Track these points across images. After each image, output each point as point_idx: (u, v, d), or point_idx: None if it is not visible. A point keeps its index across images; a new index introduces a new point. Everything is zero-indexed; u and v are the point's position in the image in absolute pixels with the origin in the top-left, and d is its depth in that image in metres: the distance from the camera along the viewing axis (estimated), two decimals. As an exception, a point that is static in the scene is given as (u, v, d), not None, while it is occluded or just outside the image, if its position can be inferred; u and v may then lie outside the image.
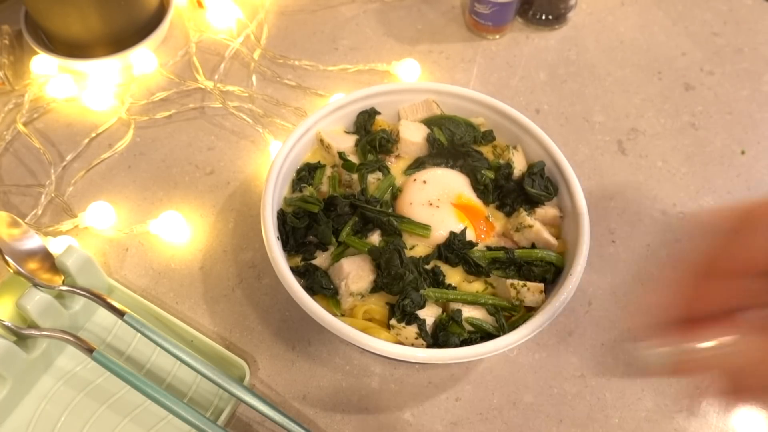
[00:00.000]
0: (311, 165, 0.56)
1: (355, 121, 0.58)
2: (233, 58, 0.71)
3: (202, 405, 0.50)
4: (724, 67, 0.72)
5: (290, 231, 0.51)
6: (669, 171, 0.64)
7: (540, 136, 0.55)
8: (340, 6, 0.77)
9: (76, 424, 0.49)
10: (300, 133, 0.55)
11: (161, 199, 0.61)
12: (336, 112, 0.57)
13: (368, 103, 0.58)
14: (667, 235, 0.60)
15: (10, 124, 0.65)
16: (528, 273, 0.50)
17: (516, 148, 0.56)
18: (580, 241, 0.49)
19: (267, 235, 0.49)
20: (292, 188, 0.55)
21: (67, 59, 0.67)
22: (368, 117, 0.58)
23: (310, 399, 0.51)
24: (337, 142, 0.56)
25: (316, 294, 0.48)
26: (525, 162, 0.56)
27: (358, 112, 0.58)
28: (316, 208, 0.51)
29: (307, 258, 0.51)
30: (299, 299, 0.46)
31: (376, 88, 0.58)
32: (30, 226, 0.58)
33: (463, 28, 0.75)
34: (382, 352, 0.45)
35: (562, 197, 0.54)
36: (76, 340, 0.48)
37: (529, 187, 0.53)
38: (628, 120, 0.68)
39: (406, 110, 0.59)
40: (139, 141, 0.65)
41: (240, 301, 0.56)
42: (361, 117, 0.58)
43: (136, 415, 0.50)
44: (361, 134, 0.57)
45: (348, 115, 0.58)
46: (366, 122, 0.58)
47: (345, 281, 0.48)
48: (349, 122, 0.58)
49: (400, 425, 0.50)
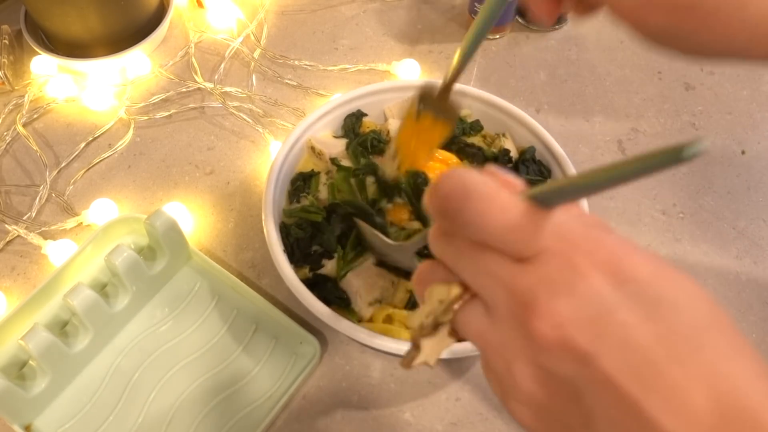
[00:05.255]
0: (305, 174, 0.55)
1: (343, 125, 0.58)
2: (233, 58, 0.71)
3: (275, 372, 0.51)
4: (724, 67, 0.72)
5: (294, 243, 0.51)
6: (669, 171, 0.64)
7: (527, 120, 0.56)
8: (340, 6, 0.77)
9: (149, 382, 0.50)
10: (291, 143, 0.55)
11: (161, 199, 0.61)
12: (323, 118, 0.57)
13: (353, 106, 0.58)
14: (667, 235, 0.60)
15: (11, 124, 0.65)
16: None
17: (505, 136, 0.57)
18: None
19: (274, 251, 0.49)
20: (289, 199, 0.55)
21: (67, 59, 0.67)
22: (355, 120, 0.58)
23: (309, 399, 0.51)
24: (328, 147, 0.56)
25: (332, 304, 0.48)
26: (515, 148, 0.56)
27: (344, 116, 0.58)
28: (319, 218, 0.51)
29: (315, 268, 0.51)
30: (318, 311, 0.46)
31: (358, 91, 0.58)
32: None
33: (463, 28, 0.75)
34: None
35: (556, 178, 0.55)
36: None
37: (524, 174, 0.54)
38: (628, 120, 0.68)
39: (392, 109, 0.59)
40: (138, 141, 0.65)
41: (240, 301, 0.56)
42: (348, 120, 0.58)
43: (208, 378, 0.51)
44: (350, 137, 0.57)
45: (335, 119, 0.58)
46: (354, 125, 0.58)
47: (358, 294, 0.48)
48: (337, 126, 0.58)
49: (400, 425, 0.50)
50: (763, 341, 0.55)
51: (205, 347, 0.52)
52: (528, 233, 0.25)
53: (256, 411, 0.49)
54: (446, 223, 0.27)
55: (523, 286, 0.25)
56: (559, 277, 0.24)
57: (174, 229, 0.52)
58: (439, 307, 0.28)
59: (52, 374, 0.48)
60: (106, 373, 0.51)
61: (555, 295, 0.24)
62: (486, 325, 0.27)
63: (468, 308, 0.27)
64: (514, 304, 0.25)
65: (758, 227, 0.61)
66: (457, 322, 0.28)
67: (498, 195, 0.25)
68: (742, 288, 0.57)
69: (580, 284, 0.24)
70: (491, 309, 0.26)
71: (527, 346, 0.25)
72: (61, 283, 0.52)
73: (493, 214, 0.25)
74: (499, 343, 0.26)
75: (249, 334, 0.53)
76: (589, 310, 0.24)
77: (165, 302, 0.54)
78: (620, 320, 0.23)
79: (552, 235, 0.25)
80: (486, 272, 0.26)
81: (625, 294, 0.24)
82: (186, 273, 0.56)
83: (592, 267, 0.24)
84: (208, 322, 0.53)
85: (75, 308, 0.47)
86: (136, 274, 0.51)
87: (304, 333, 0.51)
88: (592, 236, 0.25)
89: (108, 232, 0.55)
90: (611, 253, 0.25)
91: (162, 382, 0.50)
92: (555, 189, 0.25)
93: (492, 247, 0.26)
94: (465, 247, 0.27)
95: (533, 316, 0.24)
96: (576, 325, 0.24)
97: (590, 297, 0.24)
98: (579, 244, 0.25)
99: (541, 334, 0.24)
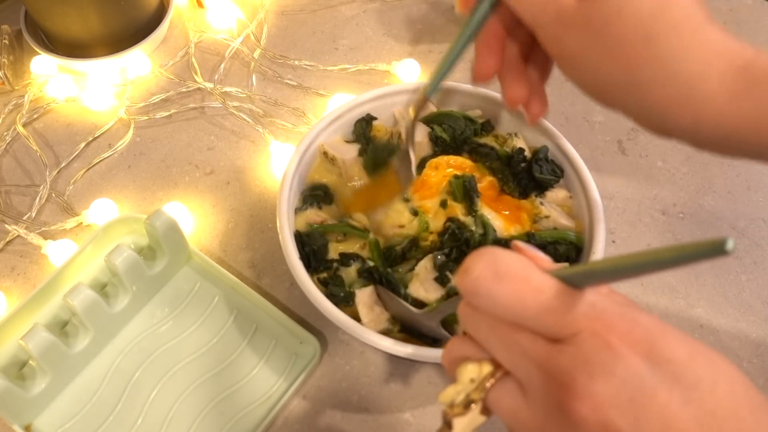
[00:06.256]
0: (326, 186, 0.55)
1: (353, 130, 0.58)
2: (233, 58, 0.71)
3: (275, 372, 0.51)
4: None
5: (311, 252, 0.50)
6: (669, 171, 0.64)
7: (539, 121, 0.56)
8: (340, 6, 0.77)
9: (149, 382, 0.50)
10: (303, 149, 0.54)
11: (161, 199, 0.61)
12: (333, 123, 0.57)
13: (362, 110, 0.58)
14: (667, 235, 0.60)
15: (11, 124, 0.65)
16: (554, 252, 0.50)
17: (517, 136, 0.57)
18: (595, 218, 0.51)
19: (291, 258, 0.48)
20: (303, 202, 0.54)
21: (67, 59, 0.67)
22: (366, 124, 0.58)
23: (309, 399, 0.51)
24: (341, 152, 0.56)
25: (339, 304, 0.48)
26: (527, 148, 0.56)
27: (355, 120, 0.58)
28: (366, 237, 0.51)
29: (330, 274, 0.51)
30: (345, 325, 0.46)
31: (367, 95, 0.57)
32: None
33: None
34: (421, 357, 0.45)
35: (568, 177, 0.55)
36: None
37: (538, 173, 0.54)
38: (628, 120, 0.68)
39: (402, 112, 0.59)
40: (138, 141, 0.65)
41: (240, 301, 0.56)
42: (359, 125, 0.58)
43: (208, 378, 0.51)
44: (361, 142, 0.57)
45: (345, 124, 0.58)
46: (364, 129, 0.58)
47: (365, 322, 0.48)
48: (347, 131, 0.58)
49: (400, 425, 0.50)
50: (763, 342, 0.55)
51: (205, 347, 0.52)
52: (562, 314, 0.25)
53: (256, 411, 0.49)
54: (478, 302, 0.27)
55: (560, 367, 0.25)
56: (596, 357, 0.24)
57: (174, 229, 0.52)
58: (470, 386, 0.28)
59: (52, 374, 0.48)
60: (106, 373, 0.51)
61: (593, 376, 0.24)
62: (520, 404, 0.26)
63: (501, 386, 0.27)
64: (551, 385, 0.25)
65: (758, 227, 0.61)
66: (489, 400, 0.28)
67: (530, 276, 0.26)
68: (742, 288, 0.57)
69: (617, 365, 0.24)
70: (526, 388, 0.26)
71: (565, 426, 0.25)
72: (61, 283, 0.52)
73: (528, 297, 0.25)
74: (534, 424, 0.26)
75: (249, 334, 0.53)
76: (628, 391, 0.23)
77: (165, 302, 0.54)
78: (660, 402, 0.23)
79: (586, 316, 0.25)
80: (520, 352, 0.26)
81: (664, 375, 0.23)
82: (186, 273, 0.56)
83: (629, 347, 0.24)
84: (208, 322, 0.53)
85: (75, 308, 0.47)
86: (136, 274, 0.51)
87: (304, 333, 0.51)
88: (627, 316, 0.25)
89: (108, 232, 0.55)
90: (647, 332, 0.24)
91: (162, 382, 0.50)
92: (587, 271, 0.25)
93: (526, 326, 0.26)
94: (498, 325, 0.27)
95: (572, 397, 0.24)
96: (616, 406, 0.23)
97: (628, 378, 0.24)
98: (614, 324, 0.25)
99: (581, 417, 0.24)
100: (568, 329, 0.25)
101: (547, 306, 0.25)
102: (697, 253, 0.20)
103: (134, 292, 0.52)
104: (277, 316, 0.53)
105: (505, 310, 0.26)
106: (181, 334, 0.53)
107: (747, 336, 0.55)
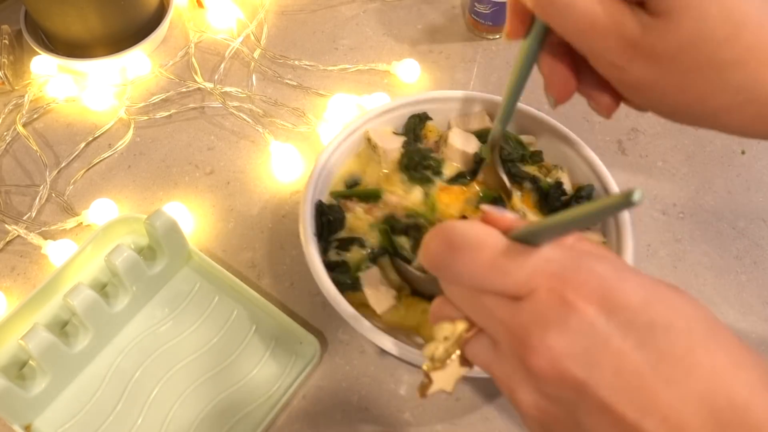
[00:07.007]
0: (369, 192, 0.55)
1: (406, 124, 0.58)
2: (233, 58, 0.71)
3: (275, 372, 0.51)
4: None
5: (326, 223, 0.51)
6: (669, 171, 0.64)
7: (589, 156, 0.54)
8: (340, 6, 0.77)
9: (149, 382, 0.50)
10: (349, 131, 0.55)
11: (161, 199, 0.61)
12: (387, 114, 0.57)
13: (420, 108, 0.58)
14: (667, 235, 0.60)
15: (11, 124, 0.65)
16: None
17: (563, 170, 0.55)
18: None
19: (306, 232, 0.49)
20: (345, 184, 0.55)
21: (67, 59, 0.67)
22: (419, 121, 0.57)
23: (309, 398, 0.51)
24: (385, 142, 0.56)
25: (345, 291, 0.48)
26: (570, 185, 0.55)
27: (409, 115, 0.58)
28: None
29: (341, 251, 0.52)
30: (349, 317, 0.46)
31: (429, 94, 0.58)
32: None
33: (463, 28, 0.75)
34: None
35: (606, 223, 0.52)
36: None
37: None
38: (628, 120, 0.68)
39: (458, 120, 0.58)
40: (138, 141, 0.65)
41: (240, 301, 0.56)
42: (412, 121, 0.57)
43: (208, 378, 0.51)
44: (410, 137, 0.57)
45: (399, 117, 0.58)
46: (416, 126, 0.57)
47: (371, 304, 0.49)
48: (399, 124, 0.58)
49: (400, 425, 0.50)
50: (763, 341, 0.55)
51: (205, 347, 0.52)
52: (515, 273, 0.27)
53: (256, 411, 0.49)
54: (440, 275, 0.30)
55: (519, 324, 0.26)
56: (551, 312, 0.26)
57: (174, 229, 0.52)
58: (445, 343, 0.31)
59: (52, 374, 0.48)
60: (106, 373, 0.51)
61: (548, 331, 0.25)
62: (492, 357, 0.29)
63: (477, 341, 0.30)
64: (513, 341, 0.27)
65: (758, 227, 0.61)
66: (468, 354, 0.30)
67: (484, 242, 0.28)
68: (742, 288, 0.57)
69: (571, 317, 0.25)
70: (496, 344, 0.29)
71: (528, 378, 0.27)
72: (61, 283, 0.52)
73: (481, 263, 0.27)
74: (504, 375, 0.28)
75: (249, 334, 0.53)
76: (582, 341, 0.25)
77: (165, 302, 0.54)
78: (613, 348, 0.24)
79: (542, 272, 0.27)
80: (487, 313, 0.28)
81: (618, 322, 0.25)
82: (186, 273, 0.56)
83: (583, 299, 0.25)
84: (207, 322, 0.53)
85: (75, 308, 0.47)
86: (136, 274, 0.51)
87: (304, 333, 0.52)
88: (583, 267, 0.26)
89: (108, 232, 0.55)
90: (602, 282, 0.26)
91: (162, 382, 0.50)
92: (533, 229, 0.27)
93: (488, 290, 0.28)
94: (465, 291, 0.29)
95: (530, 351, 0.26)
96: (570, 357, 0.25)
97: (582, 329, 0.25)
98: (569, 278, 0.26)
99: (539, 369, 0.26)
100: (526, 287, 0.27)
101: (500, 267, 0.27)
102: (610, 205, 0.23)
103: (134, 292, 0.52)
104: (277, 316, 0.53)
105: (465, 279, 0.28)
106: (181, 334, 0.53)
107: (747, 336, 0.55)
